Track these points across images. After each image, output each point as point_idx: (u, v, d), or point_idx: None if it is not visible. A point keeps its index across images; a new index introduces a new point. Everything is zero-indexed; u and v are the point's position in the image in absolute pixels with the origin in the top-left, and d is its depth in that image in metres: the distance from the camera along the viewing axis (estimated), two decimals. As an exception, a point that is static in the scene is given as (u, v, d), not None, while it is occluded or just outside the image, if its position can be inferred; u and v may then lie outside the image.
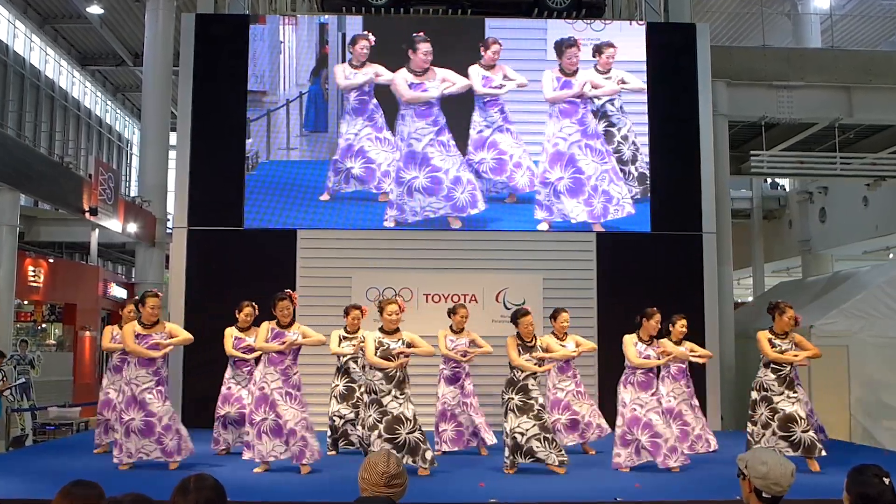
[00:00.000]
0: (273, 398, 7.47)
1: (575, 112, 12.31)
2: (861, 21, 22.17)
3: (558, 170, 12.18)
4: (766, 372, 7.94)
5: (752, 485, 3.24)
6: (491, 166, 12.23)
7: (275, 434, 7.46)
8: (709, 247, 12.26)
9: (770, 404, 7.84)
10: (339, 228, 12.04)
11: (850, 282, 13.00)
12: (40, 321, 18.50)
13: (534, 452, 7.44)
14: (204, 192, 12.03)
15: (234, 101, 12.20)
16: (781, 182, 22.92)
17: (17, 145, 14.05)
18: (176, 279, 11.99)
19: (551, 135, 12.24)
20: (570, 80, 12.35)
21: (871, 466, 3.22)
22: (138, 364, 7.63)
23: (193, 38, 12.33)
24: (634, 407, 7.74)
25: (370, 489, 3.08)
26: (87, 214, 13.61)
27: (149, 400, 7.55)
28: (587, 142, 12.24)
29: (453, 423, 8.82)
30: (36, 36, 25.11)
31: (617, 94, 12.39)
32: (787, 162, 15.07)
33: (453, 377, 8.88)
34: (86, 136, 29.42)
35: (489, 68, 12.34)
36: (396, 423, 7.24)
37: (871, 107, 13.79)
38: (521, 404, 7.56)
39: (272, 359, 7.60)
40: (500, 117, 12.28)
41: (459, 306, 9.11)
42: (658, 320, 7.98)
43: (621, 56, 12.49)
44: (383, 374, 7.35)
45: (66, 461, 8.21)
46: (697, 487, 7.08)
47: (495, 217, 12.18)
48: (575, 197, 12.15)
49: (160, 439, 7.54)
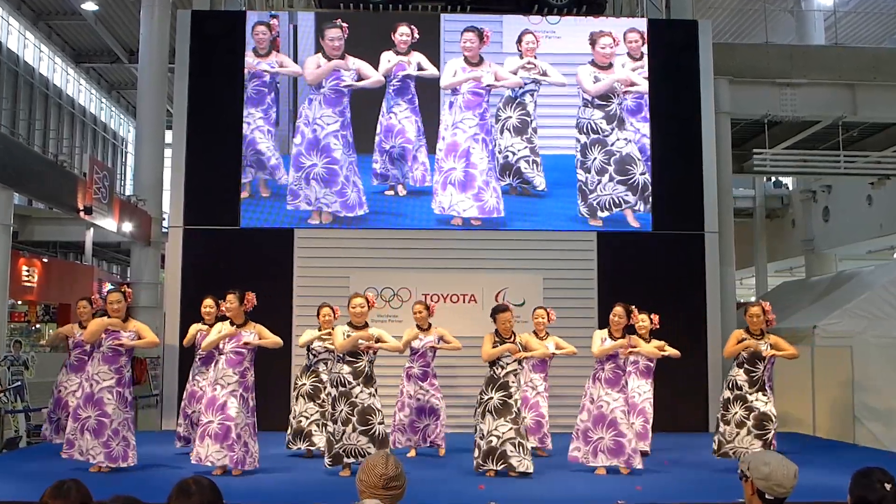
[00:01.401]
0: (224, 400, 7.38)
1: (479, 105, 12.17)
2: (865, 18, 22.10)
3: (452, 160, 12.07)
4: (738, 371, 7.91)
5: (755, 486, 3.19)
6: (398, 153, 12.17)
7: (217, 439, 7.34)
8: (711, 246, 12.22)
9: (745, 402, 7.79)
10: (337, 228, 11.95)
11: (853, 282, 12.91)
12: (34, 321, 18.39)
13: (507, 457, 7.34)
14: (200, 190, 11.97)
15: (230, 98, 12.11)
16: (784, 181, 22.83)
17: (10, 143, 13.90)
18: (172, 279, 11.92)
19: (450, 124, 12.12)
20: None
21: (875, 471, 3.18)
22: (101, 360, 7.49)
23: (189, 35, 12.28)
24: (601, 404, 7.67)
25: (368, 491, 3.04)
26: (81, 213, 13.46)
27: (106, 400, 7.39)
28: (485, 136, 12.11)
29: (434, 416, 8.85)
30: (30, 33, 24.98)
31: (522, 84, 12.26)
32: (790, 160, 14.98)
33: (421, 375, 8.87)
34: (80, 134, 29.31)
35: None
36: (368, 414, 7.29)
37: (876, 104, 13.69)
38: (501, 405, 7.45)
39: (229, 360, 7.50)
40: (410, 107, 12.17)
41: (417, 303, 9.13)
42: (617, 314, 7.85)
43: (564, 48, 12.39)
44: (351, 368, 7.36)
45: (59, 463, 8.01)
46: (698, 490, 7.09)
47: (402, 212, 12.10)
48: (464, 191, 12.03)
49: (108, 442, 7.36)
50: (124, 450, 7.45)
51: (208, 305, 8.75)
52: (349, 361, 7.43)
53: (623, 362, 7.89)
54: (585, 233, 12.13)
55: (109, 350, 7.51)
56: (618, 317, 7.84)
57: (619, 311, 7.88)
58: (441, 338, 8.89)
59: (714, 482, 7.40)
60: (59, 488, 2.96)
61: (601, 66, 12.37)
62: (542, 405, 9.04)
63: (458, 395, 10.27)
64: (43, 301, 17.89)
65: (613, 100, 12.31)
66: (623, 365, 7.89)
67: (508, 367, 7.56)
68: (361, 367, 7.43)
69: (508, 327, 7.68)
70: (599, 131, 12.22)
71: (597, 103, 12.29)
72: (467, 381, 9.68)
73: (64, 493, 2.94)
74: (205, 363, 8.69)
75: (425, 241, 11.96)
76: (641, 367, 9.12)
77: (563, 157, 12.26)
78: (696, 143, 12.32)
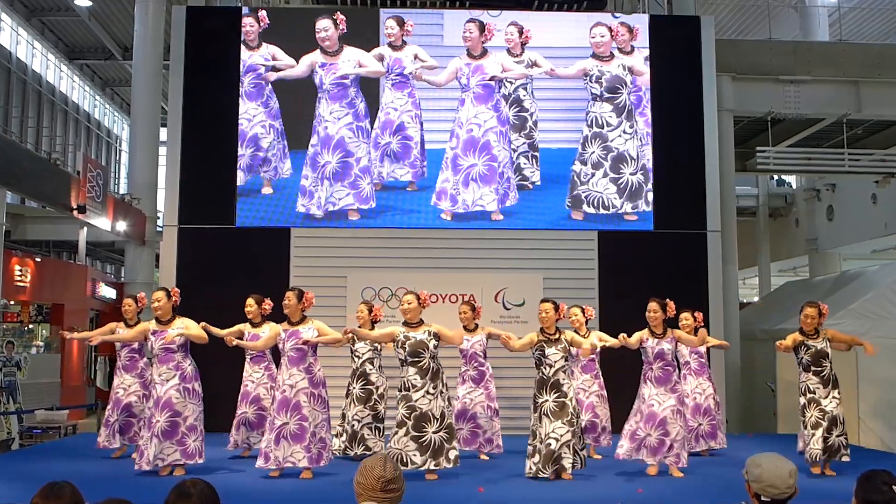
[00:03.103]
0: (297, 400, 7.32)
1: (490, 97, 11.99)
2: (870, 14, 21.95)
3: (471, 156, 11.88)
4: (807, 376, 7.87)
5: (753, 489, 3.20)
6: (396, 150, 11.97)
7: (297, 440, 7.29)
8: (713, 245, 12.11)
9: (818, 405, 7.77)
10: (334, 227, 11.82)
11: (858, 281, 12.83)
12: (27, 322, 18.27)
13: (561, 460, 7.23)
14: (195, 189, 11.84)
15: (226, 95, 11.98)
16: (788, 179, 22.74)
17: (3, 141, 13.85)
18: (166, 279, 11.75)
19: (465, 120, 11.93)
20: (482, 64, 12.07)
21: (881, 473, 3.15)
22: (159, 362, 7.48)
23: (184, 32, 12.14)
24: (652, 402, 7.61)
25: (366, 493, 3.00)
26: (75, 212, 13.41)
27: (175, 399, 7.39)
28: (501, 128, 11.94)
29: (472, 423, 8.72)
30: (23, 29, 24.80)
31: (526, 77, 12.10)
32: (793, 158, 14.84)
33: (477, 377, 8.76)
34: (74, 131, 29.13)
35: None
36: (424, 421, 7.15)
37: (881, 101, 13.59)
38: (557, 407, 7.32)
39: (291, 359, 7.46)
40: (410, 101, 12.01)
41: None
42: (652, 309, 7.78)
43: (539, 42, 12.19)
44: (416, 368, 7.23)
45: (53, 465, 8.07)
46: (700, 492, 7.09)
47: (401, 210, 11.95)
48: (487, 185, 11.86)
49: (182, 440, 7.37)
50: (200, 445, 7.54)
51: (250, 305, 8.69)
52: (413, 362, 7.28)
53: (671, 359, 7.76)
54: (586, 231, 12.01)
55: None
56: (653, 312, 7.76)
57: (653, 307, 7.79)
58: (489, 335, 8.80)
59: (716, 484, 7.37)
60: (50, 490, 2.92)
61: (602, 58, 12.19)
62: (598, 404, 8.90)
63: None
64: (36, 301, 17.73)
65: (622, 90, 12.15)
66: (673, 362, 7.77)
67: (556, 365, 7.42)
68: (426, 364, 7.26)
69: (546, 317, 7.51)
70: (605, 125, 12.06)
71: (606, 96, 12.13)
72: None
73: (55, 495, 2.90)
74: (255, 362, 8.73)
75: (424, 241, 11.82)
76: (695, 367, 9.01)
77: (571, 151, 12.13)
78: (698, 141, 12.21)
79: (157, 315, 7.65)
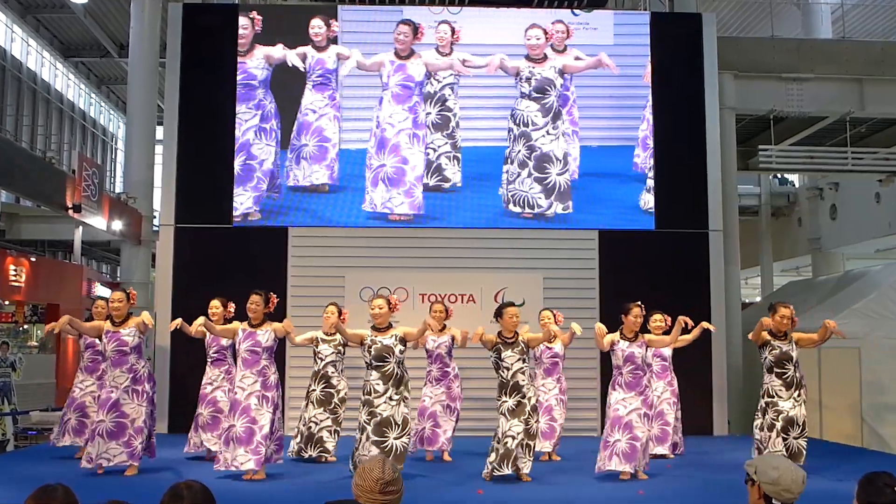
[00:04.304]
0: (248, 403, 7.34)
1: (408, 99, 11.88)
2: (873, 11, 21.87)
3: (382, 156, 11.79)
4: (770, 378, 7.81)
5: (762, 491, 3.18)
6: (312, 153, 11.87)
7: (243, 442, 7.28)
8: (715, 245, 12.04)
9: (775, 407, 7.72)
10: (332, 226, 11.74)
11: (861, 281, 12.81)
12: (22, 322, 18.13)
13: (517, 460, 7.24)
14: (191, 188, 11.76)
15: (223, 93, 11.89)
16: (791, 178, 22.66)
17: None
18: (162, 278, 11.72)
19: (381, 120, 11.84)
20: None
21: (882, 475, 3.16)
22: (111, 365, 7.52)
23: (181, 29, 12.05)
24: (618, 407, 7.59)
25: (364, 496, 3.00)
26: (70, 211, 13.33)
27: (123, 401, 7.42)
28: (416, 131, 11.83)
29: (431, 421, 8.73)
30: (17, 26, 24.67)
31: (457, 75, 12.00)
32: (796, 157, 14.74)
33: (440, 377, 8.79)
34: (69, 130, 29.01)
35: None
36: (385, 426, 7.11)
37: (884, 99, 13.50)
38: (515, 406, 7.35)
39: (245, 361, 7.49)
40: (330, 104, 11.92)
41: (435, 303, 9.14)
42: (637, 314, 7.74)
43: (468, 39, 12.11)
44: (379, 373, 7.21)
45: (48, 467, 8.08)
46: (701, 494, 7.10)
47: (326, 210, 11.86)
48: (395, 187, 11.77)
49: (129, 441, 7.38)
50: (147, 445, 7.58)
51: (215, 307, 8.63)
52: (377, 366, 7.27)
53: (641, 363, 7.72)
54: (586, 231, 11.95)
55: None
56: (639, 317, 7.73)
57: (638, 312, 7.75)
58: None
59: (717, 486, 7.36)
60: (42, 493, 2.89)
61: (535, 60, 12.08)
62: (556, 408, 8.92)
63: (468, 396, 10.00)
64: (31, 301, 17.59)
65: (550, 92, 12.02)
66: (643, 367, 7.72)
67: (513, 368, 7.44)
68: (390, 370, 7.24)
69: (516, 322, 7.54)
70: (530, 124, 11.94)
71: (534, 96, 12.01)
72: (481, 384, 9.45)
73: (47, 498, 2.88)
74: (216, 365, 8.67)
75: (423, 240, 11.76)
76: (657, 369, 8.99)
77: (498, 149, 12.01)
78: (700, 140, 12.13)
79: (114, 315, 7.65)
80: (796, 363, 7.79)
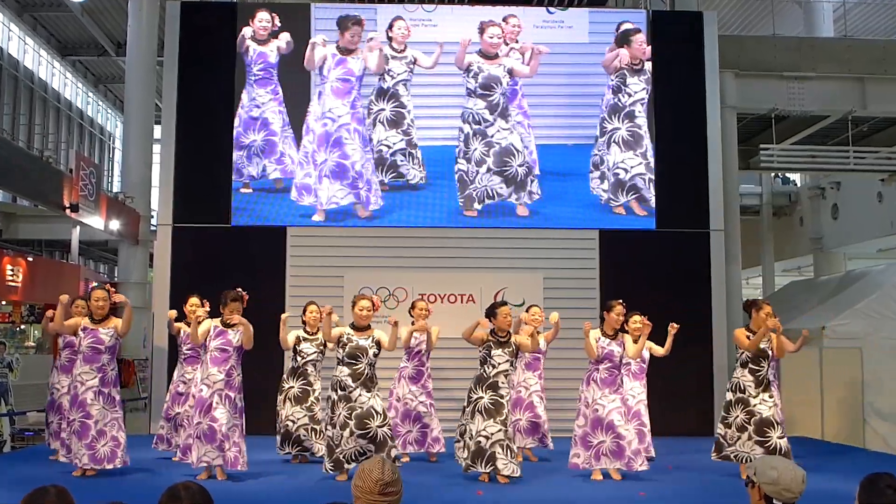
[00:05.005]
0: (211, 401, 7.27)
1: (349, 94, 11.84)
2: (875, 9, 21.83)
3: (324, 152, 11.75)
4: (743, 372, 7.78)
5: (763, 491, 3.18)
6: (261, 147, 11.84)
7: (208, 439, 7.21)
8: (716, 245, 12.02)
9: (746, 406, 7.67)
10: (331, 226, 11.70)
11: (863, 281, 12.71)
12: (19, 322, 18.02)
13: (494, 459, 7.21)
14: (189, 187, 11.74)
15: (221, 92, 11.87)
16: (792, 177, 22.54)
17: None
18: (160, 278, 11.70)
19: (320, 114, 11.80)
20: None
21: (884, 476, 3.15)
22: (83, 361, 7.42)
23: (179, 27, 12.03)
24: (597, 407, 7.53)
25: (364, 497, 2.97)
26: (67, 211, 13.23)
27: (89, 401, 7.31)
28: (356, 126, 11.80)
29: (419, 423, 8.70)
30: (14, 25, 24.58)
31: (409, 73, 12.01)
32: (798, 156, 14.70)
33: (416, 375, 8.75)
34: (66, 129, 28.92)
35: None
36: (367, 418, 7.13)
37: (886, 98, 13.45)
38: (492, 405, 7.33)
39: (213, 358, 7.39)
40: (273, 97, 11.90)
41: (416, 300, 9.10)
42: (620, 312, 7.73)
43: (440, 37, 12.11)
44: (350, 370, 7.24)
45: (45, 468, 8.05)
46: (703, 495, 7.07)
47: (399, 208, 11.86)
48: (339, 181, 11.71)
49: (92, 443, 7.27)
50: (112, 450, 7.34)
51: (195, 304, 8.57)
52: (348, 363, 7.28)
53: (619, 361, 7.72)
54: (587, 230, 11.94)
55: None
56: (621, 315, 7.74)
57: (621, 310, 7.75)
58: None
59: (719, 487, 7.36)
60: (33, 496, 2.85)
61: (487, 56, 12.03)
62: (538, 404, 8.90)
63: (449, 398, 10.00)
64: (28, 301, 17.47)
65: (496, 89, 11.97)
66: (619, 364, 7.71)
67: (499, 367, 7.45)
68: (361, 369, 7.26)
69: (510, 322, 7.56)
70: (482, 121, 11.89)
71: (479, 93, 11.96)
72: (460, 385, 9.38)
73: (41, 500, 2.84)
74: (189, 362, 8.67)
75: (422, 240, 11.73)
76: (634, 369, 8.89)
77: (448, 148, 11.97)
78: (701, 139, 12.12)
79: (95, 314, 7.58)
80: (771, 362, 7.77)
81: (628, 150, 11.98)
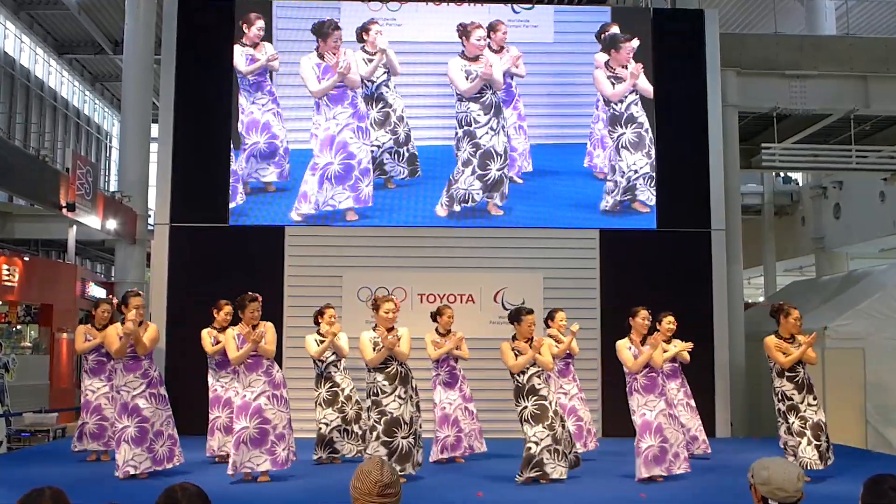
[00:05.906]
0: (259, 404, 7.25)
1: (344, 97, 11.78)
2: (878, 7, 21.83)
3: (328, 154, 11.68)
4: (781, 381, 7.68)
5: (760, 493, 3.16)
6: (263, 150, 11.78)
7: (255, 444, 7.22)
8: (718, 244, 11.94)
9: (798, 412, 7.58)
10: (329, 226, 11.60)
11: (865, 281, 12.73)
12: (15, 322, 18.00)
13: (542, 465, 7.17)
14: (187, 186, 11.64)
15: (219, 90, 11.77)
16: (794, 177, 22.52)
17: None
18: (157, 278, 11.62)
19: (322, 121, 11.73)
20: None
21: (888, 478, 3.10)
22: (124, 370, 7.41)
23: (176, 25, 11.93)
24: (644, 412, 7.46)
25: (362, 498, 2.94)
26: (64, 210, 13.21)
27: (142, 405, 7.34)
28: (359, 124, 11.75)
29: (455, 428, 8.65)
30: (10, 22, 24.51)
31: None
32: (800, 155, 14.63)
33: (451, 381, 8.72)
34: (63, 127, 28.85)
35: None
36: (395, 426, 7.14)
37: (889, 97, 13.40)
38: (537, 411, 7.25)
39: (249, 366, 7.38)
40: (270, 99, 11.84)
41: (445, 307, 8.97)
42: (645, 317, 7.66)
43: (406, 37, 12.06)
44: (384, 374, 7.21)
45: (42, 469, 8.05)
46: (705, 497, 7.05)
47: (398, 208, 11.77)
48: (341, 183, 11.65)
49: (151, 446, 7.34)
50: (170, 449, 7.52)
51: (228, 312, 8.66)
52: (380, 368, 7.27)
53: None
54: (587, 230, 11.86)
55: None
56: (642, 318, 7.64)
57: (645, 315, 7.67)
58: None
59: (721, 489, 7.35)
60: (29, 498, 2.82)
61: (471, 59, 11.95)
62: (580, 408, 8.89)
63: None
64: (24, 301, 17.45)
65: (487, 90, 11.91)
66: (656, 368, 7.58)
67: (529, 372, 7.36)
68: (394, 370, 7.26)
69: (533, 330, 7.48)
70: (473, 123, 11.84)
71: (472, 95, 11.90)
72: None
73: (39, 501, 2.81)
74: (220, 367, 8.62)
75: (421, 239, 11.66)
76: (667, 371, 8.79)
77: (448, 148, 11.91)
78: (702, 138, 12.04)
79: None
80: (803, 364, 7.70)
81: (637, 152, 11.91)
